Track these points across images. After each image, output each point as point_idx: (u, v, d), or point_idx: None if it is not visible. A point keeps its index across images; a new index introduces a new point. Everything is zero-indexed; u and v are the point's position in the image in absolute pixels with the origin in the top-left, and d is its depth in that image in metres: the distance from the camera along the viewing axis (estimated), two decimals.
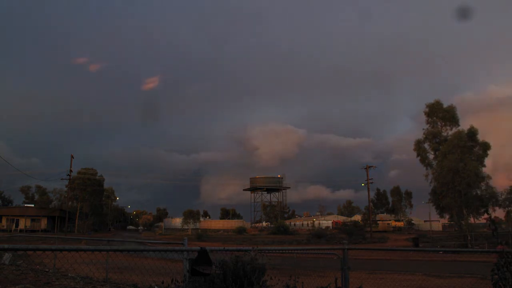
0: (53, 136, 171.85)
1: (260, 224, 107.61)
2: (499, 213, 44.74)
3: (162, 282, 6.20)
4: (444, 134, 43.66)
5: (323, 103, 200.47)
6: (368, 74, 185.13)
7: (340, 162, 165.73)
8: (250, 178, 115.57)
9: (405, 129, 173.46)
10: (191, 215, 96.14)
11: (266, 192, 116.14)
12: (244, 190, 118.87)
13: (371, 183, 62.74)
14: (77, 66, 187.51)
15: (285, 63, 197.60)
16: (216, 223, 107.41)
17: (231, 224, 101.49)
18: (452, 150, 40.82)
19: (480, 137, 42.24)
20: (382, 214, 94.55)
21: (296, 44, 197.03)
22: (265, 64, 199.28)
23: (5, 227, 67.65)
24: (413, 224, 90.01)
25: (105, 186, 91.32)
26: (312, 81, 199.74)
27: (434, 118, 44.35)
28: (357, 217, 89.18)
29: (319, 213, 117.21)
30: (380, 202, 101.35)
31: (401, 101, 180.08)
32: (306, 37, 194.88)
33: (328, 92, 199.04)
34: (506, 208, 44.26)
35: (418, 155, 44.54)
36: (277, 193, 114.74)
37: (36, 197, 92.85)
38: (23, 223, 70.77)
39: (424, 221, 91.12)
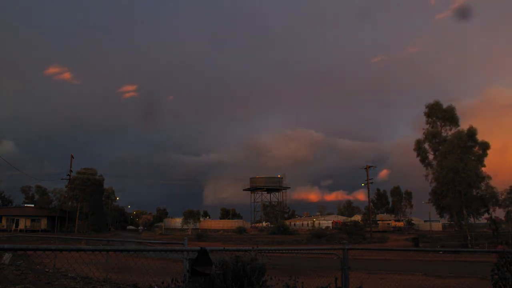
0: (56, 138, 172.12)
1: (260, 224, 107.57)
2: (499, 213, 44.79)
3: (162, 282, 6.20)
4: (444, 134, 43.73)
5: (333, 109, 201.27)
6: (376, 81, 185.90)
7: (345, 164, 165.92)
8: (250, 178, 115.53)
9: (407, 132, 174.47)
10: (191, 215, 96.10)
11: (266, 192, 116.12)
12: (244, 190, 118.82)
13: (371, 183, 62.87)
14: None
15: (297, 72, 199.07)
16: (216, 223, 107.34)
17: (231, 224, 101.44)
18: (452, 150, 40.85)
19: (479, 137, 42.37)
20: (382, 214, 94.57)
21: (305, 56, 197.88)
22: (277, 74, 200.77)
23: (5, 227, 67.62)
24: (413, 224, 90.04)
25: (106, 186, 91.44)
26: (320, 87, 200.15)
27: (434, 118, 44.43)
28: (357, 217, 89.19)
29: (319, 213, 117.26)
30: (380, 202, 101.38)
31: (405, 106, 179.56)
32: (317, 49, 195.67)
33: (337, 98, 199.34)
34: (506, 208, 44.26)
35: (418, 155, 44.61)
36: (277, 193, 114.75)
37: (36, 197, 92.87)
38: (23, 223, 70.75)
39: (424, 221, 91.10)
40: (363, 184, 63.36)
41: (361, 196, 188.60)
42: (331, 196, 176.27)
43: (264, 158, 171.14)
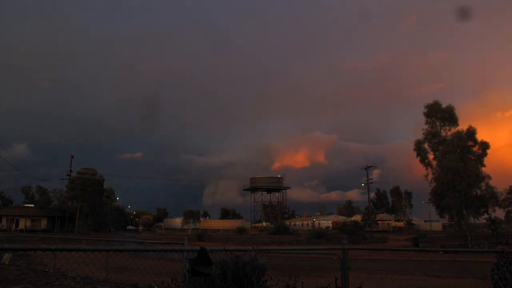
0: (57, 138, 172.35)
1: (260, 224, 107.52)
2: (499, 213, 44.80)
3: (162, 282, 6.21)
4: (443, 134, 43.69)
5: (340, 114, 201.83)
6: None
7: (347, 165, 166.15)
8: (250, 178, 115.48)
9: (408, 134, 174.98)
10: (191, 215, 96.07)
11: (266, 192, 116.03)
12: (244, 190, 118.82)
13: (371, 183, 62.91)
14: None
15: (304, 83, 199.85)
16: (216, 223, 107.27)
17: (231, 224, 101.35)
18: (451, 150, 40.83)
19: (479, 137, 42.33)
20: (382, 214, 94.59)
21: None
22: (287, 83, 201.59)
23: (5, 227, 67.57)
24: (413, 224, 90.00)
25: (106, 186, 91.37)
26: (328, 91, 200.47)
27: (433, 118, 44.38)
28: (357, 217, 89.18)
29: (319, 213, 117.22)
30: (380, 202, 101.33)
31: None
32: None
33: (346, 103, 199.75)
34: (506, 208, 44.25)
35: (418, 155, 44.58)
36: (277, 193, 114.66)
37: (37, 197, 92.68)
38: (23, 223, 70.72)
39: (424, 221, 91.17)
40: (363, 184, 63.45)
41: (361, 196, 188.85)
42: (331, 196, 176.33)
43: (266, 159, 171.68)
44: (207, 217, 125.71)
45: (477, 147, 41.82)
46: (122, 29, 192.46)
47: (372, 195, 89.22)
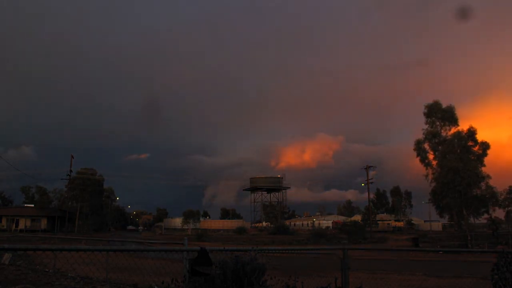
0: (57, 139, 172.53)
1: (260, 224, 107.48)
2: (499, 213, 44.80)
3: (162, 282, 6.20)
4: (443, 134, 43.67)
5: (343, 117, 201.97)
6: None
7: (347, 165, 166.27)
8: (250, 178, 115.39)
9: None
10: (191, 215, 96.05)
11: (266, 192, 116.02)
12: (244, 190, 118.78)
13: (371, 183, 62.94)
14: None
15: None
16: (216, 223, 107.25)
17: (231, 224, 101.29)
18: (451, 150, 40.82)
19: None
20: (382, 214, 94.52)
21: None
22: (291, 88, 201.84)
23: (5, 227, 67.60)
24: (413, 224, 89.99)
25: (106, 186, 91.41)
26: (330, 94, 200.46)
27: (433, 118, 44.33)
28: (357, 217, 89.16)
29: (319, 213, 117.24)
30: (380, 202, 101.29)
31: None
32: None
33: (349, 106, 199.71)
34: (506, 208, 44.27)
35: (418, 155, 44.55)
36: (277, 193, 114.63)
37: (37, 197, 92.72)
38: (23, 223, 70.74)
39: (424, 221, 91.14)
40: (363, 184, 63.52)
41: (360, 196, 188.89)
42: (331, 196, 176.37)
43: (267, 159, 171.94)
44: (207, 217, 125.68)
45: (477, 147, 41.79)
46: (125, 30, 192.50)
47: (372, 195, 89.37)
